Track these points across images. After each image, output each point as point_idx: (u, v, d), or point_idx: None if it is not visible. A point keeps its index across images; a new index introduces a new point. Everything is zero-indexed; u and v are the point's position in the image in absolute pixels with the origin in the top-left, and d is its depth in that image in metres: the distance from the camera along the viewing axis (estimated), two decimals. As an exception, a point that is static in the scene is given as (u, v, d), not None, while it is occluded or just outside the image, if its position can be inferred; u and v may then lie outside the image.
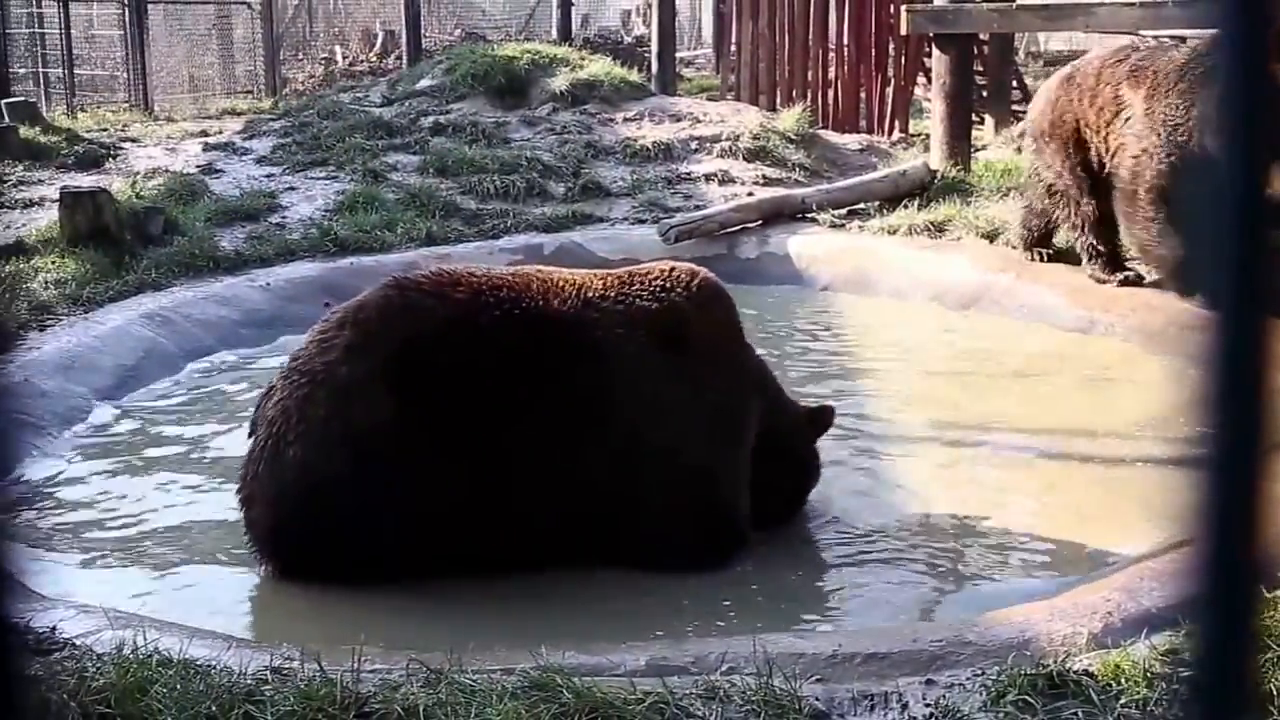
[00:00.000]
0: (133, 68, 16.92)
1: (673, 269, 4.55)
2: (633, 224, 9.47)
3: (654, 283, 4.43)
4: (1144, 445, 5.52)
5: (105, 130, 13.03)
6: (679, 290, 4.43)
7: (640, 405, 4.25)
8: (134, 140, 12.16)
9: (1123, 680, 3.06)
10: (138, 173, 10.31)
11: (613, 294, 4.36)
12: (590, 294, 4.34)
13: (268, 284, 7.86)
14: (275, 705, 2.95)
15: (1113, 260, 7.62)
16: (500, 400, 4.11)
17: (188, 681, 3.03)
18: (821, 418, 4.84)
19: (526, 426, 4.13)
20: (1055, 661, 3.18)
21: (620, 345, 4.26)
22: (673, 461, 4.27)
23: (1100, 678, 3.09)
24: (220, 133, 12.38)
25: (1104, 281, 7.57)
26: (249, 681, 3.08)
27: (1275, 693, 3.01)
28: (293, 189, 9.94)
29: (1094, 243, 7.62)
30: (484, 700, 2.96)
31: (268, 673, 3.14)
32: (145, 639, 3.27)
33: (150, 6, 17.51)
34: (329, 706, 2.95)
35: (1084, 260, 7.74)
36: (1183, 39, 8.53)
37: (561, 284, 4.35)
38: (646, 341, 4.29)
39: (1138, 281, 7.54)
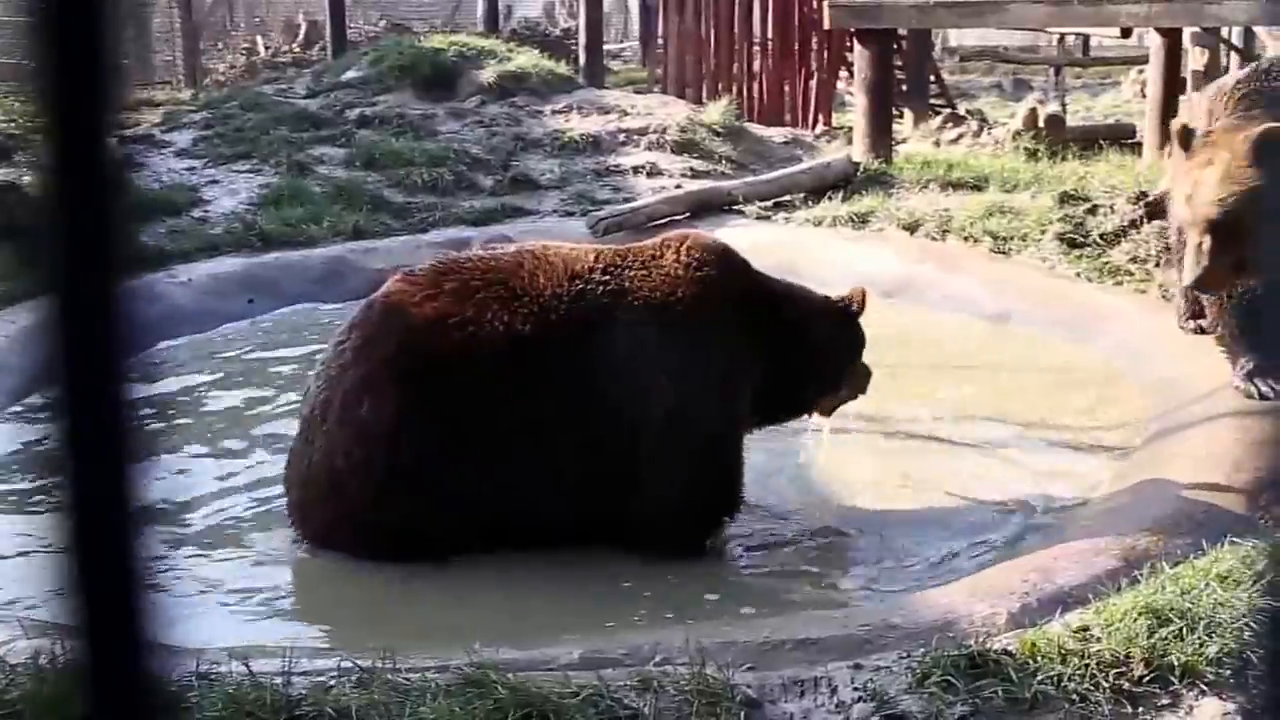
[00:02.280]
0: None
1: (665, 240, 4.60)
2: (562, 216, 9.45)
3: (646, 253, 4.49)
4: (1062, 430, 5.67)
5: (13, 121, 12.71)
6: (668, 258, 4.45)
7: (628, 380, 4.30)
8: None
9: (1039, 658, 3.15)
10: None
11: (601, 267, 4.41)
12: (580, 268, 4.40)
13: (189, 280, 7.74)
14: (202, 711, 2.89)
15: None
16: (494, 385, 4.26)
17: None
18: (842, 307, 4.80)
19: (523, 409, 4.27)
20: (976, 642, 3.26)
21: (607, 320, 4.31)
22: (665, 435, 4.32)
23: (1018, 656, 3.18)
24: (138, 125, 12.16)
25: (1183, 328, 6.26)
26: (173, 688, 3.05)
27: (1175, 665, 3.13)
28: (215, 182, 9.80)
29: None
30: (417, 699, 2.96)
31: (194, 678, 3.07)
32: (63, 648, 3.20)
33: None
34: (258, 711, 2.90)
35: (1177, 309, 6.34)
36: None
37: (554, 261, 4.43)
38: (634, 315, 4.33)
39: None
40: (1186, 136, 5.26)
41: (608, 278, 4.38)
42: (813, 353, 4.65)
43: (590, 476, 4.33)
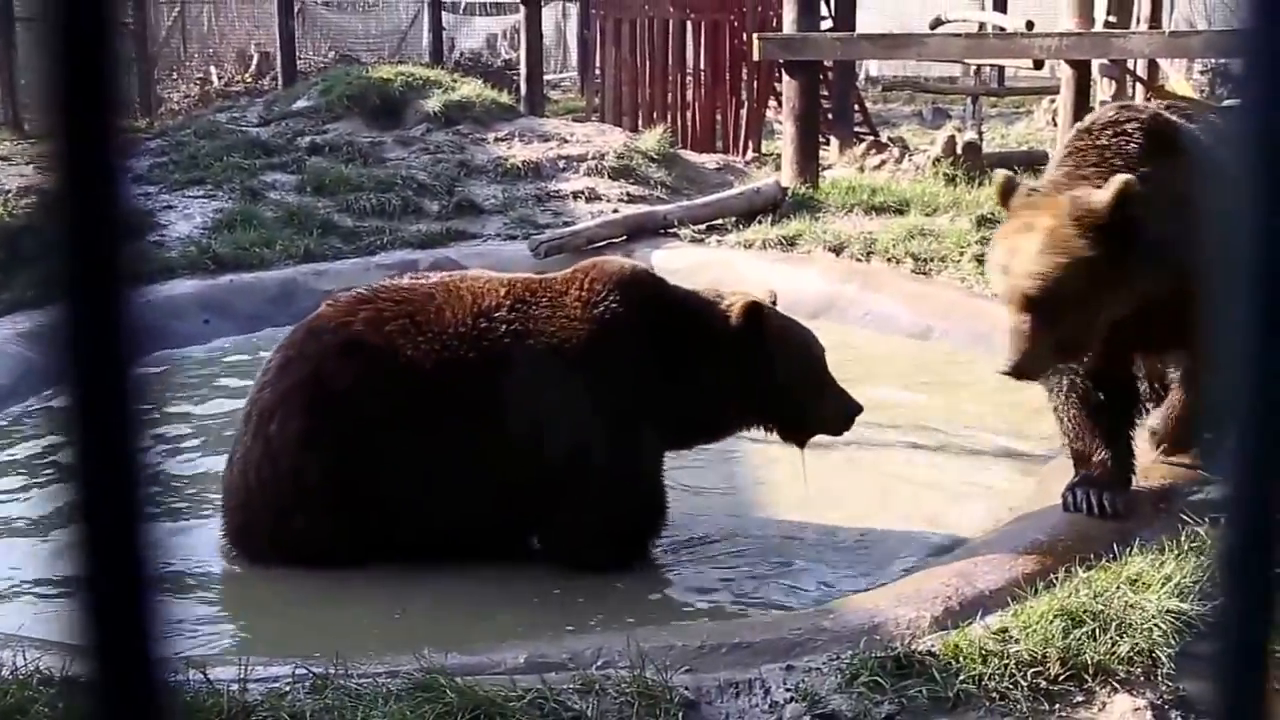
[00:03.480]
0: (2, 85, 16.23)
1: (575, 271, 4.51)
2: (505, 240, 9.45)
3: (555, 288, 4.41)
4: (982, 441, 5.73)
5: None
6: (571, 295, 4.36)
7: (528, 421, 4.24)
8: (4, 159, 11.69)
9: (961, 658, 3.18)
10: (9, 191, 9.92)
11: (509, 304, 4.35)
12: (486, 305, 4.34)
13: (146, 301, 7.61)
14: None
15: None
16: (393, 415, 4.25)
17: (70, 699, 2.93)
18: (741, 314, 4.43)
19: (422, 440, 4.25)
20: (902, 644, 3.28)
21: (507, 360, 4.26)
22: (575, 470, 4.26)
23: (942, 657, 3.20)
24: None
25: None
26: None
27: (1089, 664, 3.17)
28: (170, 207, 9.67)
29: None
30: (369, 704, 2.94)
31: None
32: (25, 659, 3.12)
33: (18, 24, 16.84)
34: (215, 717, 2.88)
35: None
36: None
37: (464, 296, 4.39)
38: (533, 356, 4.26)
39: None
40: (1007, 190, 4.19)
41: (512, 315, 4.32)
42: (718, 371, 4.42)
43: (498, 506, 4.31)
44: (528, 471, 4.25)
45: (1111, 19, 10.97)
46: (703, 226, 9.40)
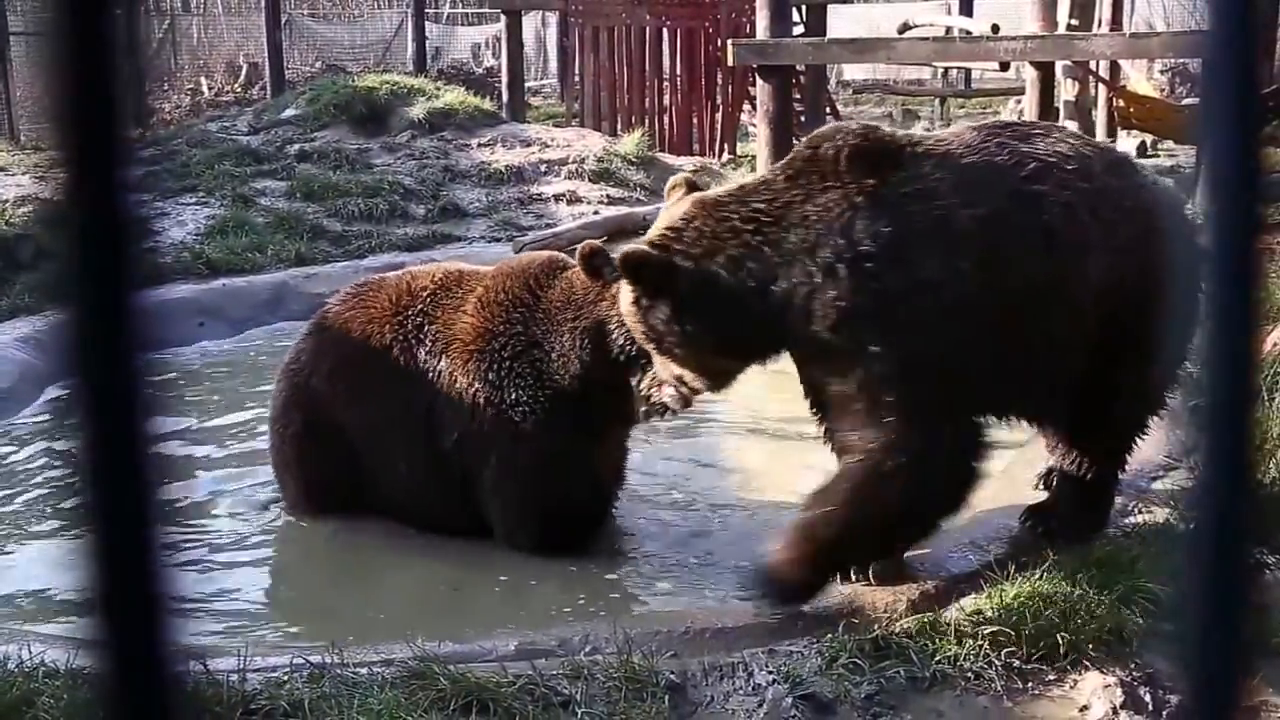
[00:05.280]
0: (-2, 97, 16.11)
1: (499, 266, 4.56)
2: (489, 242, 9.45)
3: (477, 278, 4.49)
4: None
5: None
6: (476, 292, 4.38)
7: (439, 408, 4.32)
8: (1, 169, 11.61)
9: (937, 640, 3.19)
10: (6, 200, 9.85)
11: (432, 287, 4.52)
12: (416, 285, 4.55)
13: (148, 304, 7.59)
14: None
15: None
16: (332, 381, 4.56)
17: (75, 691, 2.91)
18: (580, 261, 4.17)
19: (356, 404, 4.53)
20: (880, 627, 3.30)
21: (418, 335, 4.41)
22: (469, 454, 4.31)
23: (918, 639, 3.21)
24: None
25: None
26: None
27: (1060, 644, 3.18)
28: (164, 214, 9.62)
29: None
30: (365, 691, 2.94)
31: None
32: (30, 653, 3.10)
33: (13, 37, 16.72)
34: (216, 706, 2.86)
35: None
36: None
37: (405, 278, 4.64)
38: (433, 335, 4.38)
39: None
40: (674, 187, 3.90)
41: (428, 298, 4.48)
42: (587, 328, 4.17)
43: (429, 480, 4.40)
44: (436, 450, 4.34)
45: (1074, 22, 11.03)
46: (681, 227, 9.40)
